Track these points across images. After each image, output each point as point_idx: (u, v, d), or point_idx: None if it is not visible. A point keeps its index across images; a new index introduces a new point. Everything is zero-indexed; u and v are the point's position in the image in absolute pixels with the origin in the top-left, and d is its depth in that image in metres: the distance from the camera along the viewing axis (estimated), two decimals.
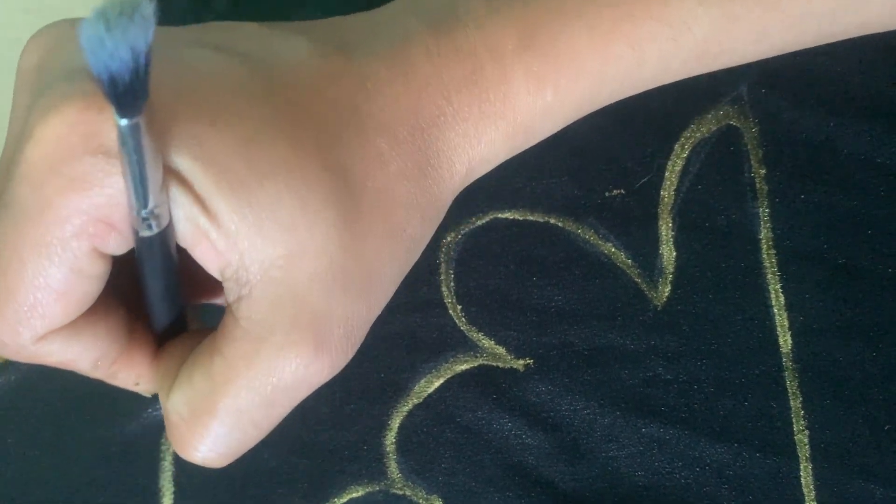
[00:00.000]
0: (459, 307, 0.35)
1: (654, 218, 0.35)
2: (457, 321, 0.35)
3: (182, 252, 0.24)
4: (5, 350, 0.24)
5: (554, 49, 0.27)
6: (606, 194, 0.35)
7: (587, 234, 0.35)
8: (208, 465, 0.25)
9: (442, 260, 0.36)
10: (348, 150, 0.24)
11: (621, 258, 0.35)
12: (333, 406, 0.35)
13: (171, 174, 0.22)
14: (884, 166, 0.35)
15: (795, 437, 0.33)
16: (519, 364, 0.35)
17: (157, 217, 0.22)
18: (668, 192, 0.35)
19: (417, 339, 0.35)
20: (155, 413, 0.35)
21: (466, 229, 0.36)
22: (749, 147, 0.35)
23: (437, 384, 0.35)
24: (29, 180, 0.22)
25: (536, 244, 0.35)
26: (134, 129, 0.20)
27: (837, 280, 0.34)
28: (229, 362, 0.24)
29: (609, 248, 0.35)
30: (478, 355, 0.35)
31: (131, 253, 0.23)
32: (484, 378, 0.35)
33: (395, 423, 0.34)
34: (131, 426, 0.35)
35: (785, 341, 0.34)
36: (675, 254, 0.35)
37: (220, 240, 0.22)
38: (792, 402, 0.34)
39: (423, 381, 0.35)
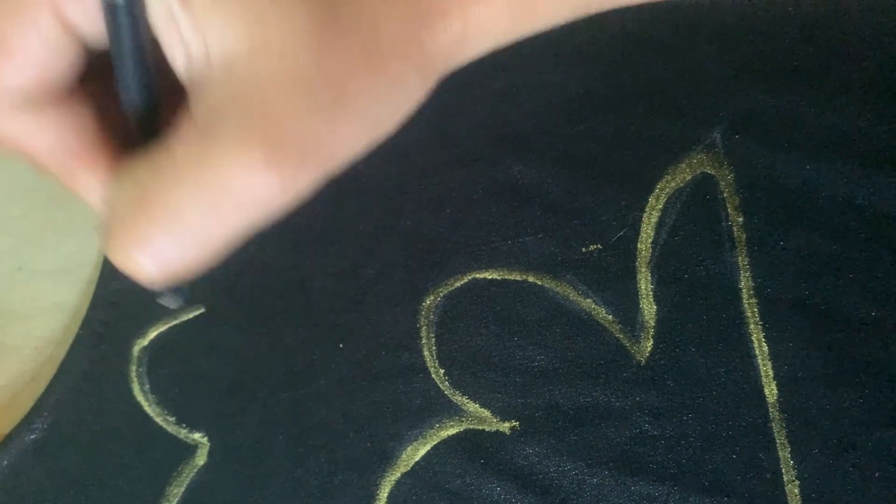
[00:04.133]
0: (442, 371, 0.35)
1: (633, 272, 0.35)
2: (440, 385, 0.35)
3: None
4: None
5: None
6: (583, 250, 0.35)
7: (566, 292, 0.35)
8: (143, 275, 0.23)
9: (422, 324, 0.36)
10: None
11: (601, 314, 0.35)
12: (322, 478, 0.35)
13: None
14: (863, 207, 0.34)
15: (786, 488, 0.33)
16: (505, 427, 0.35)
17: None
18: (644, 245, 0.35)
19: (402, 405, 0.35)
20: None
21: (445, 291, 0.36)
22: (725, 195, 0.35)
23: (423, 451, 0.35)
24: None
25: (516, 303, 0.35)
26: None
27: (821, 326, 0.34)
28: (173, 155, 0.22)
29: (589, 305, 0.35)
30: (463, 419, 0.35)
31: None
32: (470, 442, 0.35)
33: (384, 492, 0.34)
34: None
35: (770, 391, 0.34)
36: (655, 307, 0.35)
37: (186, 25, 0.22)
38: (781, 453, 0.33)
39: (409, 449, 0.35)
